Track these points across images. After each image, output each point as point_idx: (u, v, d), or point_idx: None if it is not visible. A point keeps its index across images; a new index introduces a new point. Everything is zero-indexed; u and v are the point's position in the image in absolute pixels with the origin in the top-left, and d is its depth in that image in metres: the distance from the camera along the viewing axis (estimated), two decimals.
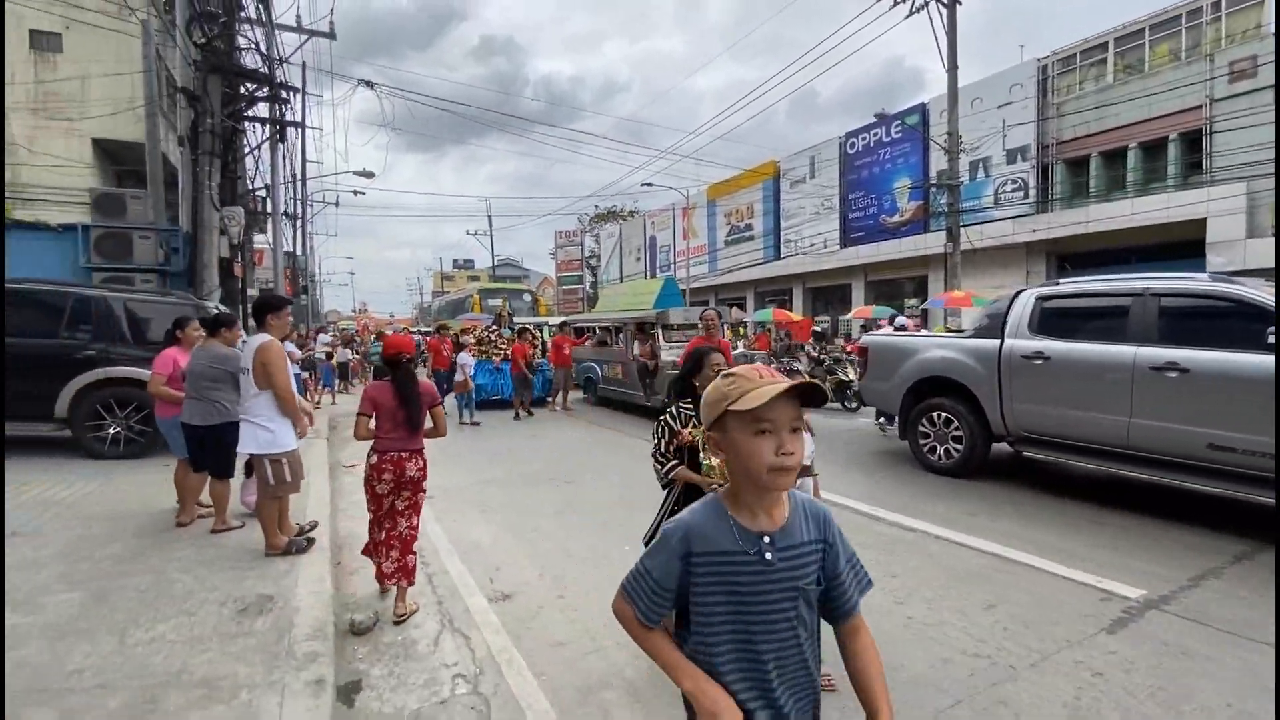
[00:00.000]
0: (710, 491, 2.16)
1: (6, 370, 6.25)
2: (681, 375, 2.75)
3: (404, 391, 3.32)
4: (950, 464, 5.88)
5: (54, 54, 15.95)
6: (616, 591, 1.26)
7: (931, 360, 6.05)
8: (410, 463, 3.31)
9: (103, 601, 3.19)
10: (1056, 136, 20.86)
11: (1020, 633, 3.05)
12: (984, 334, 5.69)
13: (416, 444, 3.37)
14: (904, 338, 6.78)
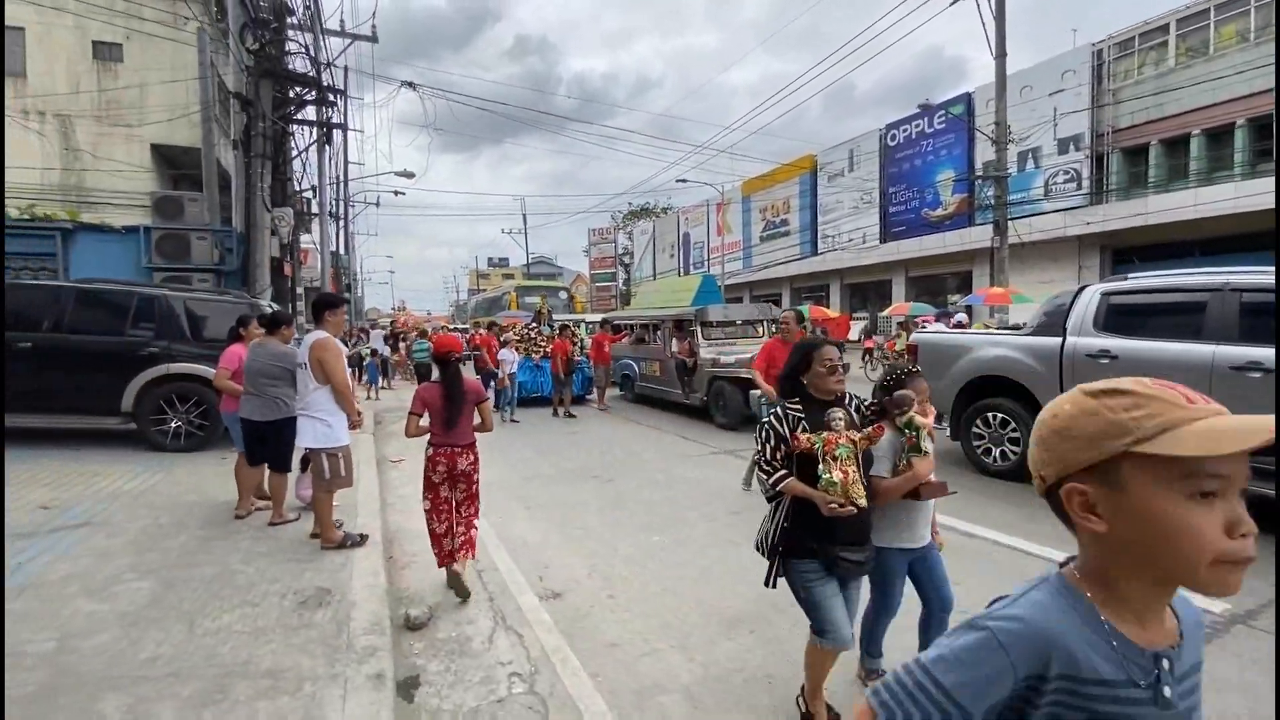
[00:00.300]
0: (831, 510, 2.10)
1: (77, 366, 6.58)
2: (788, 373, 2.46)
3: (450, 390, 3.47)
4: (1006, 466, 5.66)
5: (115, 63, 16.71)
6: (863, 707, 0.80)
7: (987, 359, 5.83)
8: (461, 457, 3.46)
9: (171, 590, 3.29)
10: (1113, 124, 19.96)
11: None
12: (1044, 332, 5.45)
13: (467, 439, 3.51)
14: (957, 335, 6.56)
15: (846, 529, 2.21)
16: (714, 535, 4.43)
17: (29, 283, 8.03)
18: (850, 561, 2.26)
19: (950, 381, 6.13)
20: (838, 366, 2.30)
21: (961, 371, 6.03)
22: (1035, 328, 5.59)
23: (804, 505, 2.24)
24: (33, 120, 16.04)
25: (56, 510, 4.55)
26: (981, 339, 6.17)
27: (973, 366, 5.94)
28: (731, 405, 8.58)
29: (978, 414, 5.93)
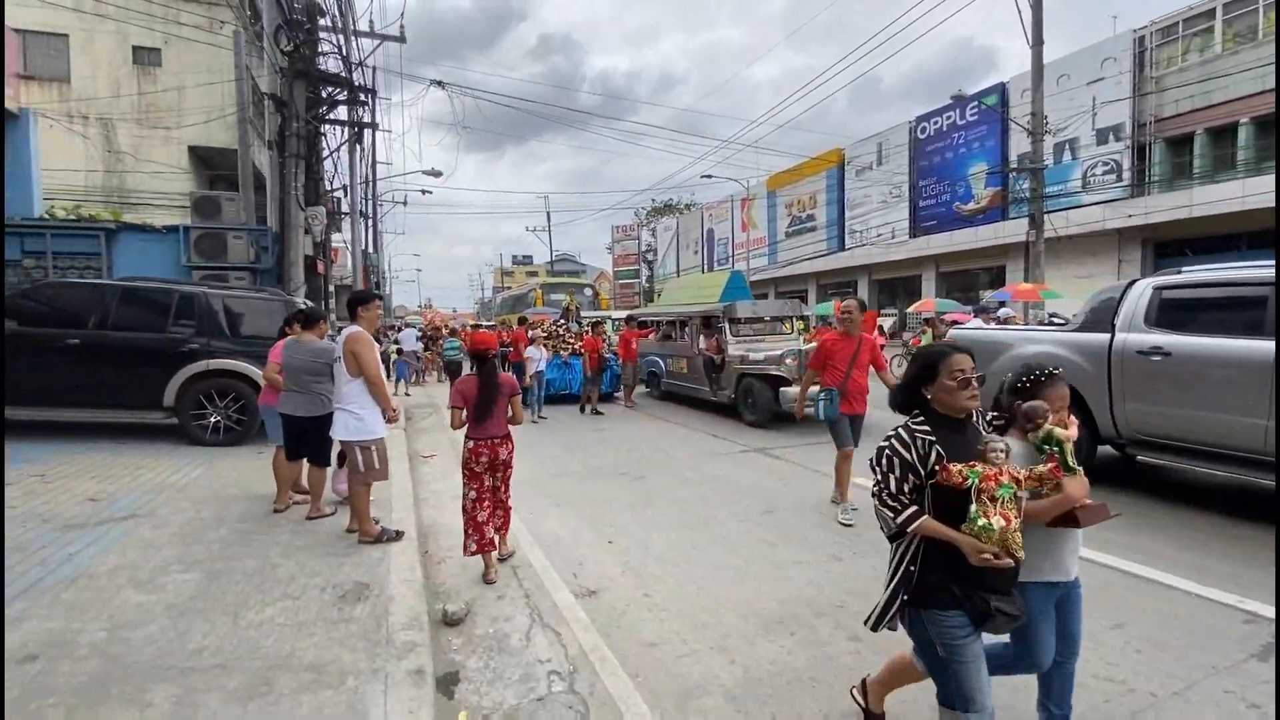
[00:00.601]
0: (983, 561, 1.71)
1: (122, 362, 6.76)
2: (907, 384, 2.07)
3: (486, 384, 3.71)
4: None
5: (154, 68, 17.17)
6: None
7: (1028, 357, 5.65)
8: (501, 448, 3.75)
9: (215, 582, 3.35)
10: (1155, 113, 19.27)
11: (1156, 656, 2.77)
12: (1091, 328, 5.26)
13: (504, 430, 3.78)
14: (996, 332, 6.37)
15: (997, 575, 1.80)
16: (747, 534, 4.37)
17: (75, 281, 8.29)
18: (1005, 614, 1.82)
19: (990, 380, 5.95)
20: (970, 379, 1.93)
21: (1000, 370, 5.83)
22: (1081, 323, 5.39)
23: (940, 544, 1.84)
24: (77, 124, 16.57)
25: (104, 502, 4.68)
26: (1022, 335, 5.98)
27: (1012, 365, 5.75)
28: (761, 402, 8.48)
29: None
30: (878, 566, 3.74)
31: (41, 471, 5.40)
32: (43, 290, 7.29)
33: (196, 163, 17.76)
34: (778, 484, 5.72)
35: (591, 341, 10.57)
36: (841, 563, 3.82)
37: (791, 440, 7.73)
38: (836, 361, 4.96)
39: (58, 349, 6.58)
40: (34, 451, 6.11)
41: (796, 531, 4.40)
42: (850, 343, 4.98)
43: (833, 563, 3.82)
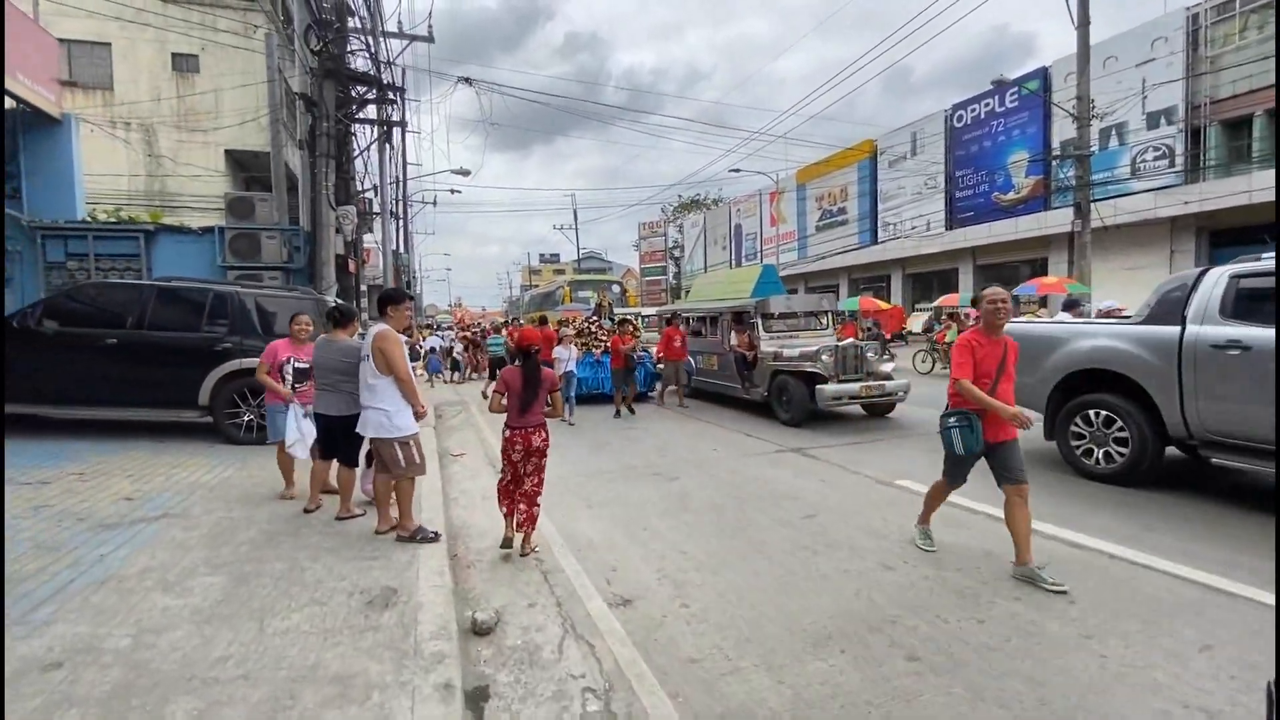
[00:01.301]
0: None
1: (159, 361, 6.84)
2: None
3: (530, 377, 3.89)
4: (1112, 469, 5.13)
5: (192, 74, 17.57)
6: None
7: (1088, 351, 5.30)
8: (535, 435, 3.93)
9: (242, 586, 3.28)
10: (1210, 95, 18.26)
11: (1256, 683, 2.49)
12: (1158, 320, 4.89)
13: (540, 420, 3.96)
14: (1051, 326, 6.00)
15: None
16: (789, 540, 4.15)
17: (113, 282, 8.45)
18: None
19: (1044, 376, 5.62)
20: None
21: (1057, 365, 5.51)
22: (1147, 316, 5.02)
23: None
24: (120, 130, 17.05)
25: (139, 501, 4.68)
26: (1077, 329, 5.62)
27: (1071, 360, 5.41)
28: (797, 401, 8.21)
29: (1076, 412, 5.41)
30: (932, 577, 3.50)
31: (80, 470, 5.47)
32: (83, 291, 7.42)
33: (233, 166, 18.14)
34: (818, 486, 5.47)
35: (616, 340, 10.11)
36: (893, 572, 3.58)
37: (829, 439, 7.45)
38: (986, 370, 3.61)
39: (97, 348, 6.68)
40: (76, 450, 6.20)
41: (842, 537, 4.17)
42: (996, 346, 3.66)
43: (883, 572, 3.59)
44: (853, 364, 8.32)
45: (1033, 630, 2.90)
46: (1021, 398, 6.05)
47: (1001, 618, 3.02)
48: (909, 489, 5.27)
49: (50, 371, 6.66)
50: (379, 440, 4.02)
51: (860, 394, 8.05)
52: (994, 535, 4.12)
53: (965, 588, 3.36)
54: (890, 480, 5.54)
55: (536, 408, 3.91)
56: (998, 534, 4.13)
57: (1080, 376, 5.39)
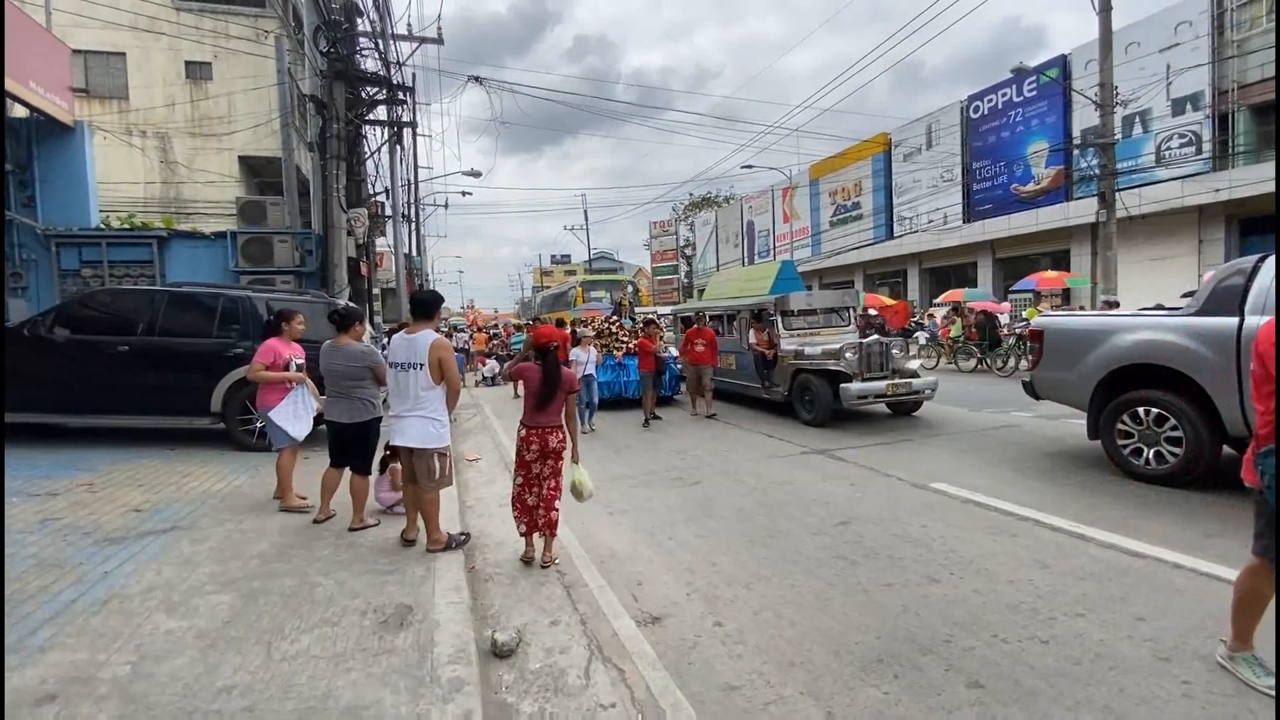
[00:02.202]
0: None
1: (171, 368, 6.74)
2: None
3: (549, 375, 3.73)
4: (1164, 470, 4.84)
5: (205, 81, 17.65)
6: None
7: (1136, 345, 5.00)
8: (551, 436, 3.76)
9: (250, 605, 3.11)
10: (1238, 80, 17.69)
11: None
12: (1213, 311, 4.59)
13: (557, 420, 3.80)
14: (1095, 318, 5.70)
15: None
16: (824, 549, 3.92)
17: (125, 288, 8.39)
18: None
19: (1086, 372, 5.32)
20: None
21: (1102, 360, 5.21)
22: (1201, 307, 4.72)
23: None
24: (135, 138, 17.16)
25: (147, 512, 4.55)
26: (1122, 323, 5.32)
27: (1116, 354, 5.11)
28: (820, 400, 7.96)
29: (1123, 410, 5.11)
30: (983, 590, 3.25)
31: (90, 480, 5.36)
32: (94, 297, 7.35)
33: (246, 171, 18.19)
34: (848, 490, 5.23)
35: (645, 343, 9.15)
36: (940, 585, 3.34)
37: (854, 440, 7.19)
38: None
39: (109, 355, 6.59)
40: (88, 459, 6.11)
41: (880, 546, 3.93)
42: None
43: (929, 585, 3.34)
44: (877, 361, 8.05)
45: (1103, 652, 2.65)
46: (1062, 395, 5.81)
47: (1066, 637, 2.77)
48: (945, 493, 5.02)
49: (63, 379, 6.59)
50: (422, 452, 3.86)
51: (886, 392, 7.78)
52: (1045, 544, 3.87)
53: (1020, 603, 3.11)
54: (924, 483, 5.28)
55: (553, 408, 3.76)
56: (1048, 542, 3.88)
57: (1127, 372, 5.10)
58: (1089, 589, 3.22)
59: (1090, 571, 3.43)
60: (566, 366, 3.93)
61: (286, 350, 4.73)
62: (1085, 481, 5.19)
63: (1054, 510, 4.45)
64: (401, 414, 3.89)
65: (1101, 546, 3.79)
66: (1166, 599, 3.10)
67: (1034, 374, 6.03)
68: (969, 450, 6.52)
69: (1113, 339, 5.16)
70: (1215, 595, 3.12)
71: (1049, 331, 5.77)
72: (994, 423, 7.99)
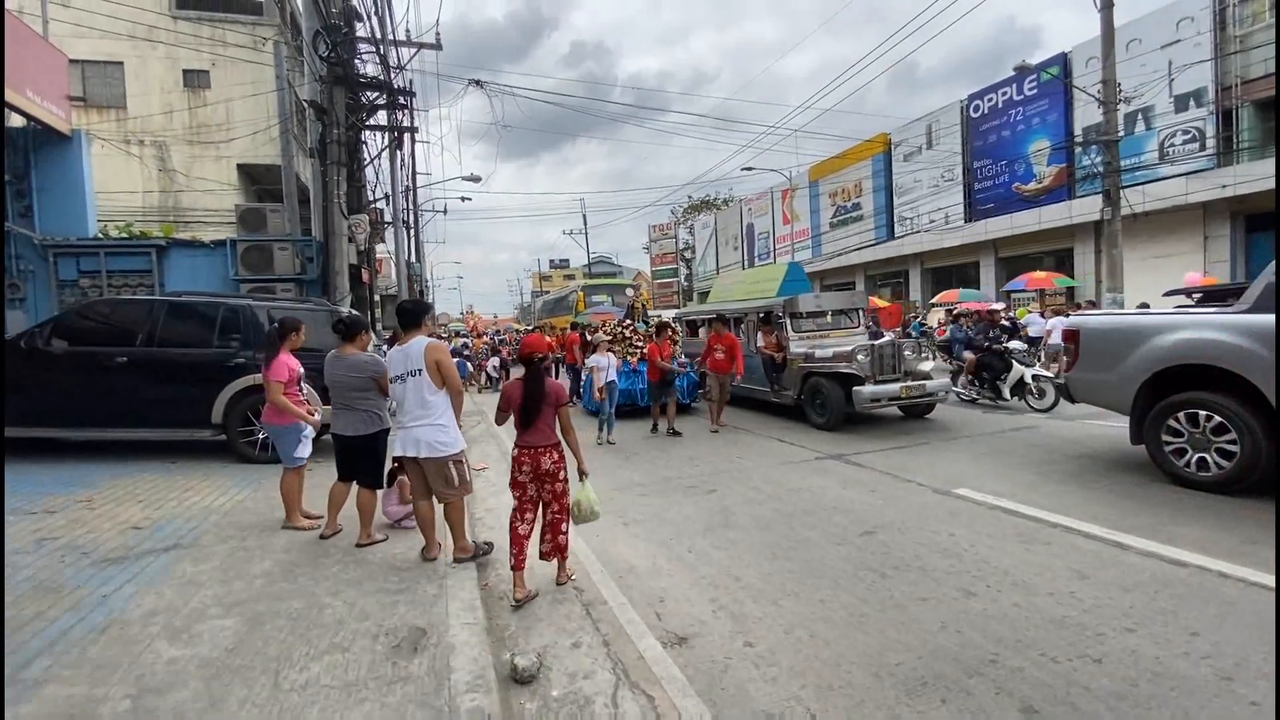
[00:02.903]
0: None
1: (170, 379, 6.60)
2: None
3: (529, 390, 3.46)
4: (1216, 476, 4.60)
5: (204, 89, 17.57)
6: None
7: (1183, 344, 4.74)
8: (544, 456, 3.44)
9: (257, 630, 2.96)
10: (1241, 75, 17.60)
11: None
12: (1265, 308, 4.35)
13: (548, 439, 3.47)
14: (1139, 317, 5.39)
15: None
16: (851, 562, 3.77)
17: (122, 298, 8.25)
18: None
19: (1129, 373, 5.09)
20: None
21: (1146, 360, 4.98)
22: (1253, 304, 4.50)
23: None
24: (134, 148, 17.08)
25: (148, 530, 4.40)
26: (1165, 321, 5.03)
27: (1161, 354, 4.87)
28: (832, 403, 7.81)
29: (1170, 412, 4.88)
30: (1023, 605, 3.11)
31: (89, 497, 5.21)
32: (92, 308, 7.21)
33: (245, 179, 18.10)
34: (869, 497, 5.08)
35: (655, 348, 8.47)
36: (977, 599, 3.19)
37: (870, 445, 7.05)
38: None
39: (107, 367, 6.45)
40: (87, 474, 5.96)
41: (909, 557, 3.78)
42: None
43: (966, 599, 3.20)
44: (890, 363, 7.91)
45: (1160, 671, 2.51)
46: (1101, 397, 5.55)
47: (1119, 655, 2.62)
48: (970, 499, 4.87)
49: (61, 392, 6.45)
50: (433, 460, 3.73)
51: (900, 395, 7.64)
52: (1081, 552, 3.72)
53: (1065, 617, 2.97)
54: (947, 489, 5.14)
55: (542, 424, 3.44)
56: (1084, 550, 3.74)
57: (1171, 373, 4.87)
58: (1135, 601, 3.08)
59: (1133, 582, 3.28)
60: (555, 377, 3.68)
61: (295, 363, 4.58)
62: (1112, 485, 5.05)
63: (1084, 516, 4.31)
64: (409, 425, 3.78)
65: (1141, 555, 3.65)
66: (1219, 612, 2.96)
67: (1069, 376, 5.76)
68: (988, 453, 6.37)
69: (1156, 338, 4.94)
70: (1271, 607, 2.97)
71: (1085, 331, 5.54)
72: (1010, 424, 7.85)
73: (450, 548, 3.99)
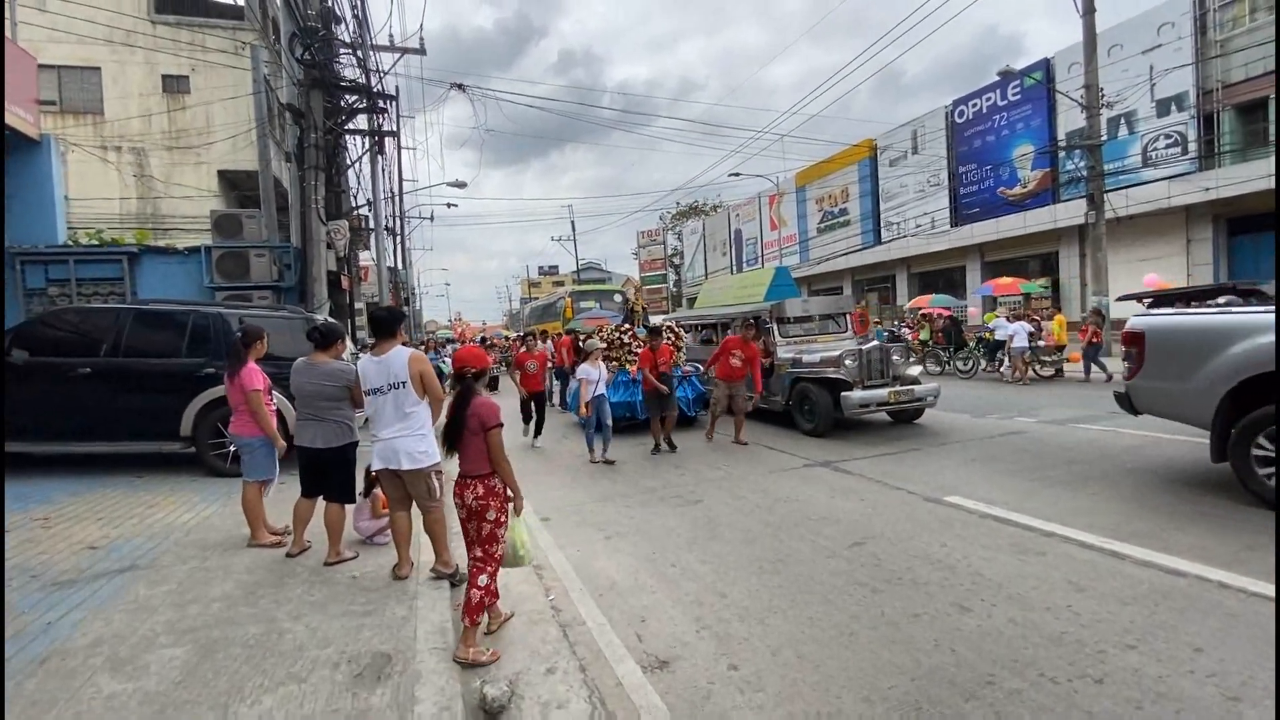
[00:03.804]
0: None
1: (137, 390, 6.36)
2: None
3: (454, 412, 3.00)
4: None
5: (183, 95, 17.30)
6: None
7: (1268, 349, 4.20)
8: (468, 490, 2.95)
9: (208, 659, 2.77)
10: (1222, 80, 17.82)
11: None
12: None
13: (478, 469, 2.96)
14: (1213, 316, 4.76)
15: None
16: (840, 576, 3.63)
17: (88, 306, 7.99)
18: None
19: (1208, 382, 4.54)
20: None
21: (1230, 368, 4.41)
22: None
23: None
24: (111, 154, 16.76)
25: (104, 550, 4.18)
26: (1255, 320, 4.41)
27: (1252, 359, 4.27)
28: (821, 409, 7.70)
29: (1262, 427, 4.31)
30: (1020, 620, 2.98)
31: (46, 515, 4.96)
32: (55, 317, 6.96)
33: (225, 186, 17.80)
34: (858, 506, 4.95)
35: (648, 356, 7.60)
36: (971, 614, 3.06)
37: (859, 451, 6.93)
38: None
39: (71, 378, 6.20)
40: (48, 490, 5.71)
41: (900, 569, 3.64)
42: None
43: (960, 614, 3.06)
44: (878, 368, 7.81)
45: (1164, 691, 2.38)
46: (1173, 409, 4.98)
47: (1121, 674, 2.50)
48: (962, 507, 4.75)
49: (21, 405, 6.18)
50: (415, 473, 3.56)
51: (889, 400, 7.54)
52: (1077, 563, 3.60)
53: (1063, 634, 2.84)
54: (938, 497, 5.02)
55: (470, 451, 2.96)
56: (1080, 560, 3.62)
57: (1255, 382, 4.31)
58: (1135, 615, 2.95)
59: (1132, 595, 3.17)
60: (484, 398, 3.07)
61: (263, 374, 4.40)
62: (1102, 491, 4.95)
63: (1078, 524, 4.20)
64: (386, 437, 3.59)
65: (1138, 564, 3.54)
66: (1222, 625, 2.84)
67: (1131, 384, 5.17)
68: (978, 459, 6.27)
69: (1243, 342, 4.34)
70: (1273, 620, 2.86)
71: (1152, 333, 4.99)
72: (1000, 429, 7.77)
73: (425, 563, 3.82)
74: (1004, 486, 5.23)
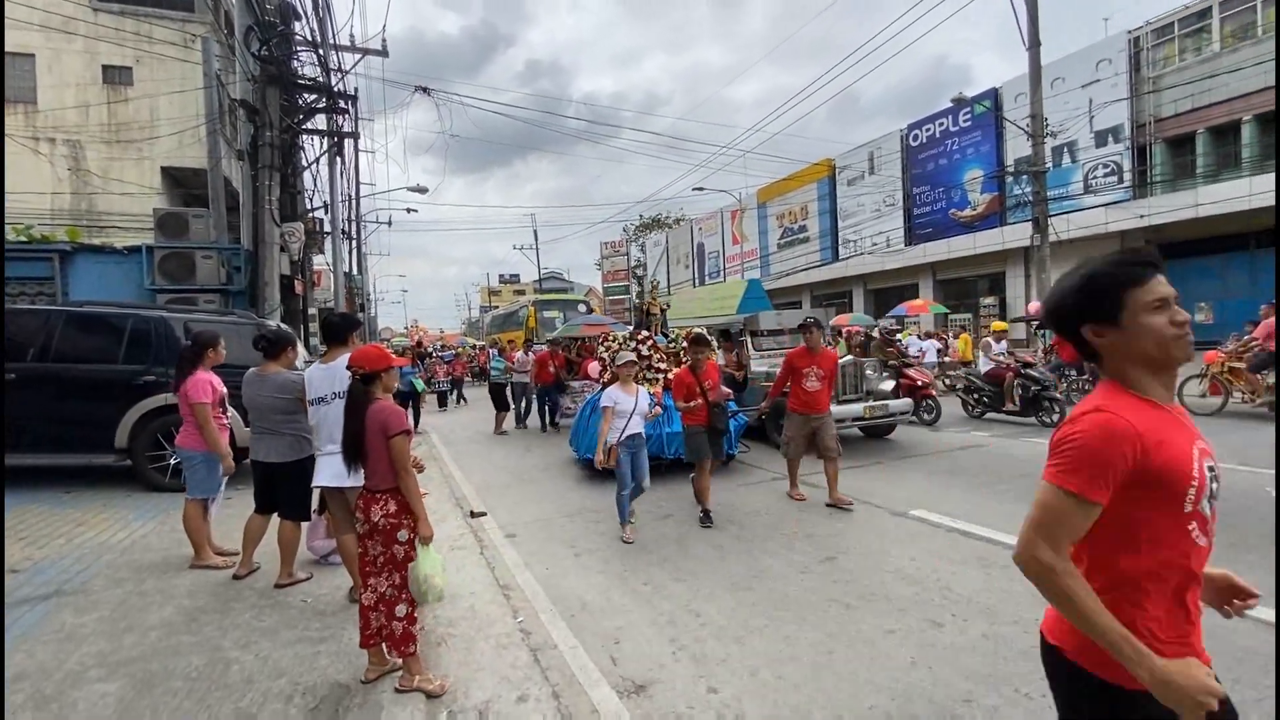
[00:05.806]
0: None
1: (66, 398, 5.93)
2: None
3: (349, 415, 2.70)
4: None
5: (125, 86, 16.46)
6: None
7: None
8: (375, 505, 2.64)
9: (144, 696, 2.54)
10: (1154, 114, 19.04)
11: None
12: None
13: (382, 482, 2.66)
14: None
15: None
16: (814, 592, 3.61)
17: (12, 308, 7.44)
18: None
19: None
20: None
21: None
22: None
23: None
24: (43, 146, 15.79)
25: (25, 574, 3.84)
26: None
27: None
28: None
29: None
30: (991, 635, 3.01)
31: None
32: None
33: (169, 183, 16.96)
34: (828, 521, 4.97)
35: (684, 378, 5.23)
36: (944, 630, 3.08)
37: None
38: None
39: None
40: None
41: (874, 585, 3.65)
42: None
43: (933, 630, 3.07)
44: (852, 383, 7.91)
45: None
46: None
47: None
48: (926, 520, 4.83)
49: None
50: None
51: (864, 415, 7.62)
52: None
53: (1032, 647, 2.82)
54: (904, 511, 5.09)
55: (370, 465, 2.66)
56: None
57: None
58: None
59: None
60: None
61: (217, 381, 4.13)
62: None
63: None
64: (332, 451, 3.37)
65: None
66: None
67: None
68: (941, 472, 6.41)
69: None
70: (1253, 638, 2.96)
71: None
72: (959, 442, 7.97)
73: None
74: (966, 500, 5.34)
